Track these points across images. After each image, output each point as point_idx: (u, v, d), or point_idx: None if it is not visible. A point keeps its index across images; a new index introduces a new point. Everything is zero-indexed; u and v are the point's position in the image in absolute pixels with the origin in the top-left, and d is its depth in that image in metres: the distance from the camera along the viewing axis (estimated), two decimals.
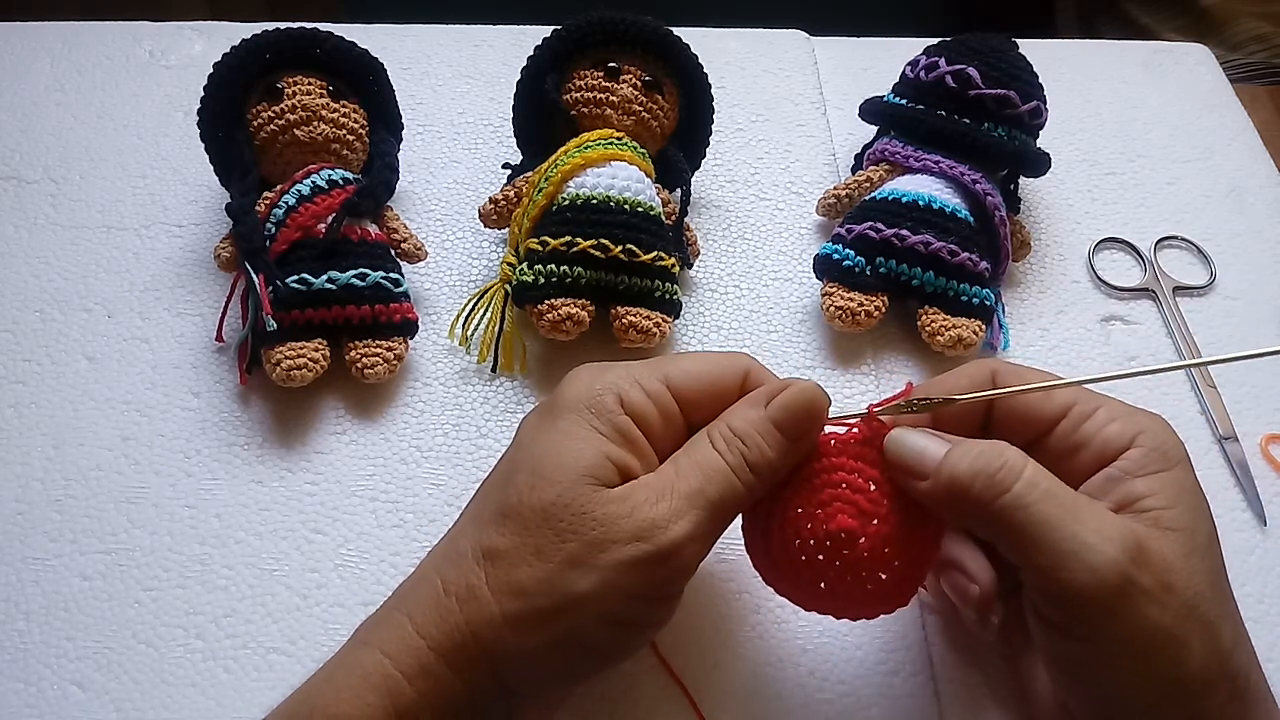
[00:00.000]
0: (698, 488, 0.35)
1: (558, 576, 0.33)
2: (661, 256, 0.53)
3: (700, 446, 0.36)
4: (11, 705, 0.43)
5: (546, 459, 0.35)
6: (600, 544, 0.33)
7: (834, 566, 0.36)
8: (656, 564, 0.34)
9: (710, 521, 0.35)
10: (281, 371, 0.49)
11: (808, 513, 0.36)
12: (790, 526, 0.36)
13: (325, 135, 0.54)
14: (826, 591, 0.37)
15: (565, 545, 0.34)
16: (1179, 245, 0.62)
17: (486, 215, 0.56)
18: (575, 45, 0.57)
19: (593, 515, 0.34)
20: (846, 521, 0.35)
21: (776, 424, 0.36)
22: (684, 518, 0.34)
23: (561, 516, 0.34)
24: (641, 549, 0.33)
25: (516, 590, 0.34)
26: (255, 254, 0.51)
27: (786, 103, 0.68)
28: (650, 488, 0.35)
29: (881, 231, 0.54)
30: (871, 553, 0.36)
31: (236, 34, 0.55)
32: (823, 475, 0.37)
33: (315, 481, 0.50)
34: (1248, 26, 0.87)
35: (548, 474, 0.35)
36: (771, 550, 0.38)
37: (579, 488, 0.34)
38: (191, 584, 0.46)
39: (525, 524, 0.34)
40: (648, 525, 0.34)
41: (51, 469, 0.50)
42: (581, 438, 0.35)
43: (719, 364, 0.38)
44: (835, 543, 0.36)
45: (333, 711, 0.33)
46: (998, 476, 0.34)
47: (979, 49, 0.58)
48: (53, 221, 0.59)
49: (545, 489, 0.34)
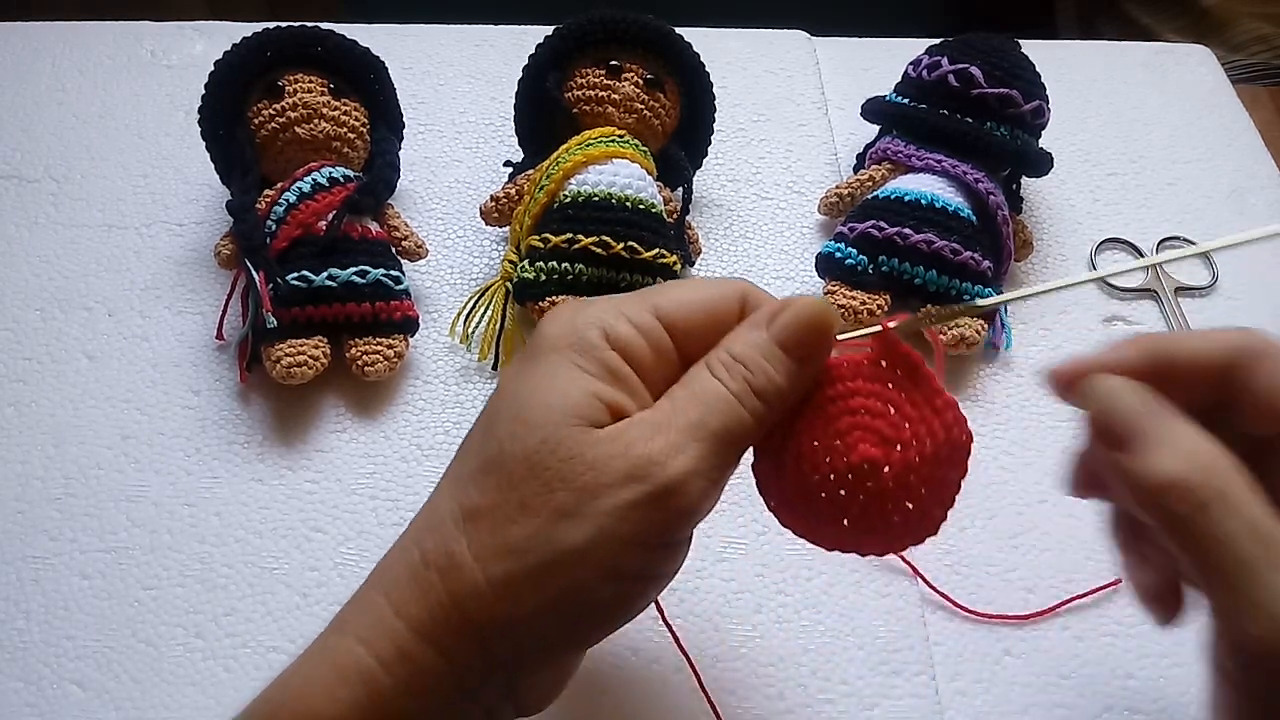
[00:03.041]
0: (698, 419, 0.31)
1: (548, 530, 0.30)
2: (663, 254, 0.53)
3: (699, 377, 0.33)
4: (11, 704, 0.43)
5: (529, 403, 0.32)
6: (592, 489, 0.30)
7: (857, 500, 0.33)
8: (657, 505, 0.30)
9: (715, 455, 0.31)
10: (282, 369, 0.49)
11: (825, 444, 0.33)
12: (806, 461, 0.33)
13: (326, 133, 0.54)
14: (850, 528, 0.34)
15: (554, 495, 0.30)
16: (1181, 246, 0.62)
17: (488, 213, 0.56)
18: (576, 44, 0.57)
19: (582, 458, 0.30)
20: (869, 451, 0.32)
21: (782, 345, 0.32)
22: (684, 452, 0.31)
23: (548, 463, 0.30)
24: (639, 490, 0.30)
25: (502, 551, 0.30)
26: (256, 251, 0.51)
27: (788, 103, 0.68)
28: (645, 424, 0.31)
29: (884, 230, 0.54)
30: (897, 481, 0.32)
31: (237, 33, 0.55)
32: (838, 402, 0.33)
33: (315, 480, 0.50)
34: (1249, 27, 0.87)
35: (530, 419, 0.31)
36: (786, 489, 0.35)
37: (565, 429, 0.31)
38: (191, 582, 0.46)
39: (508, 477, 0.31)
40: (644, 463, 0.30)
41: (52, 467, 0.50)
42: (566, 378, 0.32)
43: (713, 289, 0.34)
44: (858, 475, 0.33)
45: (301, 708, 0.31)
46: (1198, 489, 0.29)
47: (981, 48, 0.58)
48: (54, 220, 0.59)
49: (528, 435, 0.31)
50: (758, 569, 0.48)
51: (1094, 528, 0.50)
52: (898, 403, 0.33)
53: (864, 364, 0.34)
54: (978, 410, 0.54)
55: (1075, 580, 0.48)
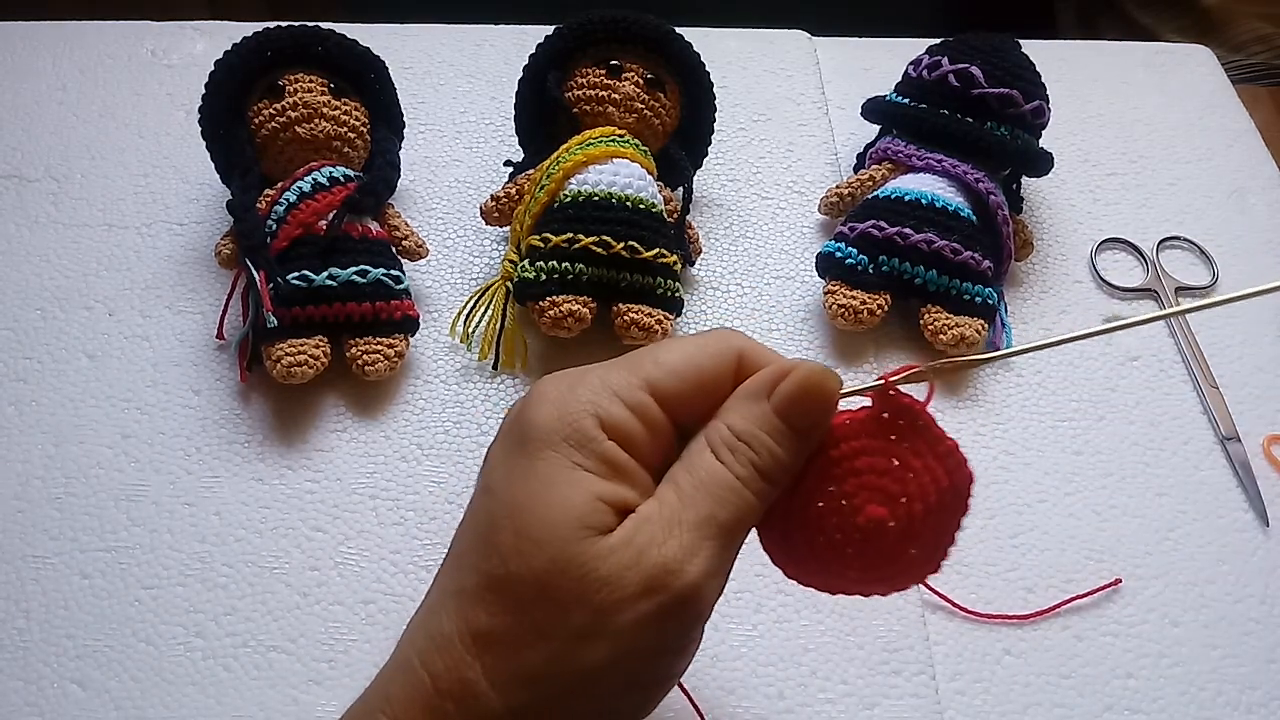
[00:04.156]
0: (708, 514, 0.30)
1: (567, 655, 0.29)
2: (663, 253, 0.53)
3: (701, 460, 0.31)
4: (12, 703, 0.43)
5: (531, 515, 0.30)
6: (609, 607, 0.28)
7: (865, 556, 0.33)
8: (676, 613, 0.29)
9: (727, 549, 0.30)
10: (282, 368, 0.49)
11: (831, 506, 0.33)
12: (813, 524, 0.33)
13: (326, 133, 0.54)
14: (856, 579, 0.34)
15: (570, 617, 0.29)
16: (1181, 246, 0.62)
17: (488, 212, 0.56)
18: (577, 43, 0.57)
19: (596, 574, 0.29)
20: (877, 511, 0.32)
21: (784, 418, 0.31)
22: (698, 553, 0.29)
23: (559, 584, 0.29)
24: (658, 601, 0.29)
25: (522, 680, 0.29)
26: (256, 251, 0.51)
27: (788, 102, 0.68)
28: (654, 524, 0.30)
29: (884, 230, 0.54)
30: (904, 534, 0.33)
31: (237, 33, 0.55)
32: (842, 464, 0.33)
33: (315, 479, 0.50)
34: (1249, 27, 0.87)
35: (535, 534, 0.29)
36: (794, 550, 0.35)
37: (574, 545, 0.29)
38: (191, 582, 0.46)
39: (519, 599, 0.29)
40: (659, 572, 0.29)
41: (52, 467, 0.50)
42: (566, 481, 0.30)
43: (707, 353, 0.32)
44: (865, 534, 0.33)
45: None
46: None
47: (981, 48, 0.58)
48: (54, 220, 0.59)
49: (535, 554, 0.29)
50: (758, 569, 0.47)
51: (1094, 528, 0.50)
52: (901, 455, 0.33)
53: (865, 420, 0.33)
54: (978, 410, 0.54)
55: (1075, 580, 0.48)
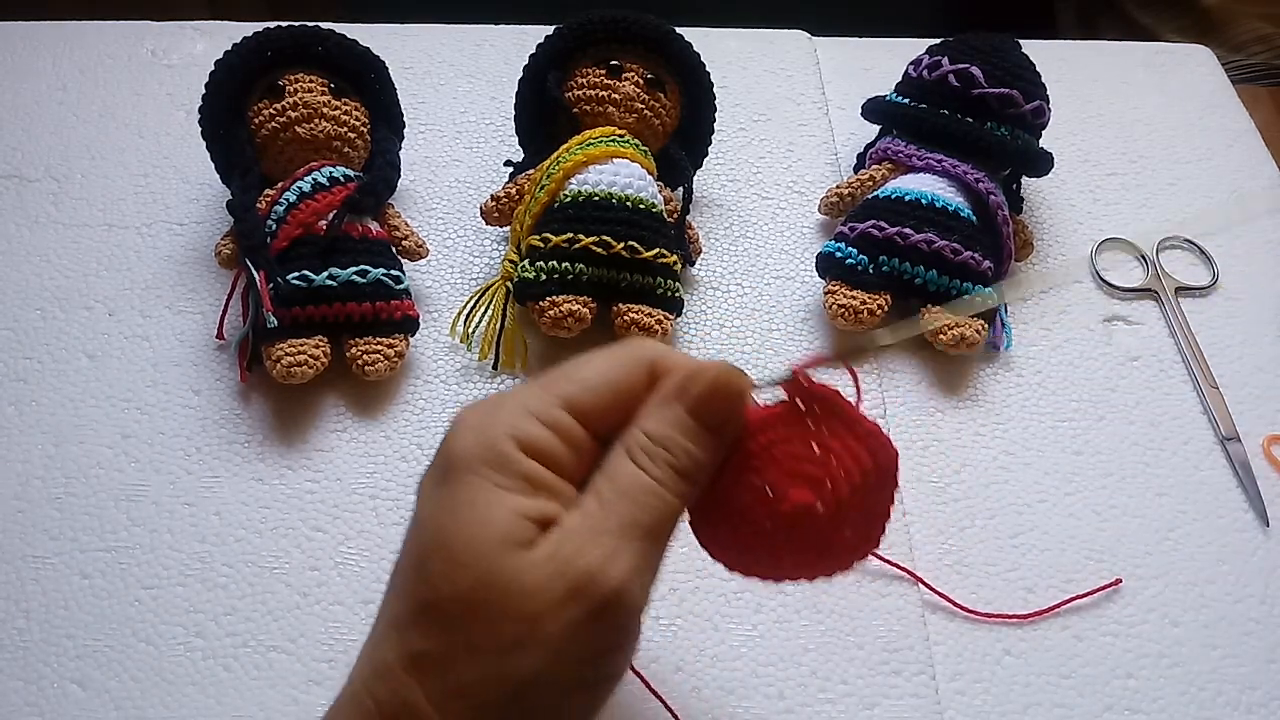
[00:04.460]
0: (629, 518, 0.31)
1: (501, 667, 0.29)
2: (664, 253, 0.53)
3: (620, 467, 0.32)
4: (12, 703, 0.43)
5: (455, 538, 0.30)
6: (537, 616, 0.29)
7: (798, 542, 0.34)
8: (605, 615, 0.30)
9: (651, 549, 0.31)
10: (282, 368, 0.49)
11: (757, 497, 0.33)
12: (740, 517, 0.34)
13: (326, 133, 0.54)
14: (794, 565, 0.35)
15: (500, 631, 0.29)
16: (1181, 246, 0.62)
17: (488, 212, 0.56)
18: (577, 43, 0.57)
19: (520, 587, 0.29)
20: (802, 496, 0.33)
21: (697, 418, 0.32)
22: (620, 557, 0.30)
23: (487, 599, 0.30)
24: (584, 606, 0.29)
25: (459, 695, 0.30)
26: (256, 251, 0.51)
27: (789, 103, 0.68)
28: (576, 534, 0.30)
29: (884, 230, 0.54)
30: (833, 516, 0.33)
31: (238, 33, 0.55)
32: (762, 455, 0.33)
33: (316, 479, 0.50)
34: (1249, 27, 0.87)
35: (460, 555, 0.30)
36: (727, 544, 0.35)
37: (499, 561, 0.30)
38: (191, 582, 0.46)
39: (450, 619, 0.30)
40: (584, 578, 0.29)
41: (52, 467, 0.50)
42: (487, 502, 0.30)
43: (619, 364, 0.33)
44: (794, 521, 0.33)
45: None
46: None
47: (982, 48, 0.58)
48: (54, 220, 0.59)
49: (462, 574, 0.30)
50: None
51: (1094, 528, 0.50)
52: (820, 440, 0.33)
53: (780, 411, 0.34)
54: (978, 410, 0.54)
55: (1075, 580, 0.48)
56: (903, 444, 0.52)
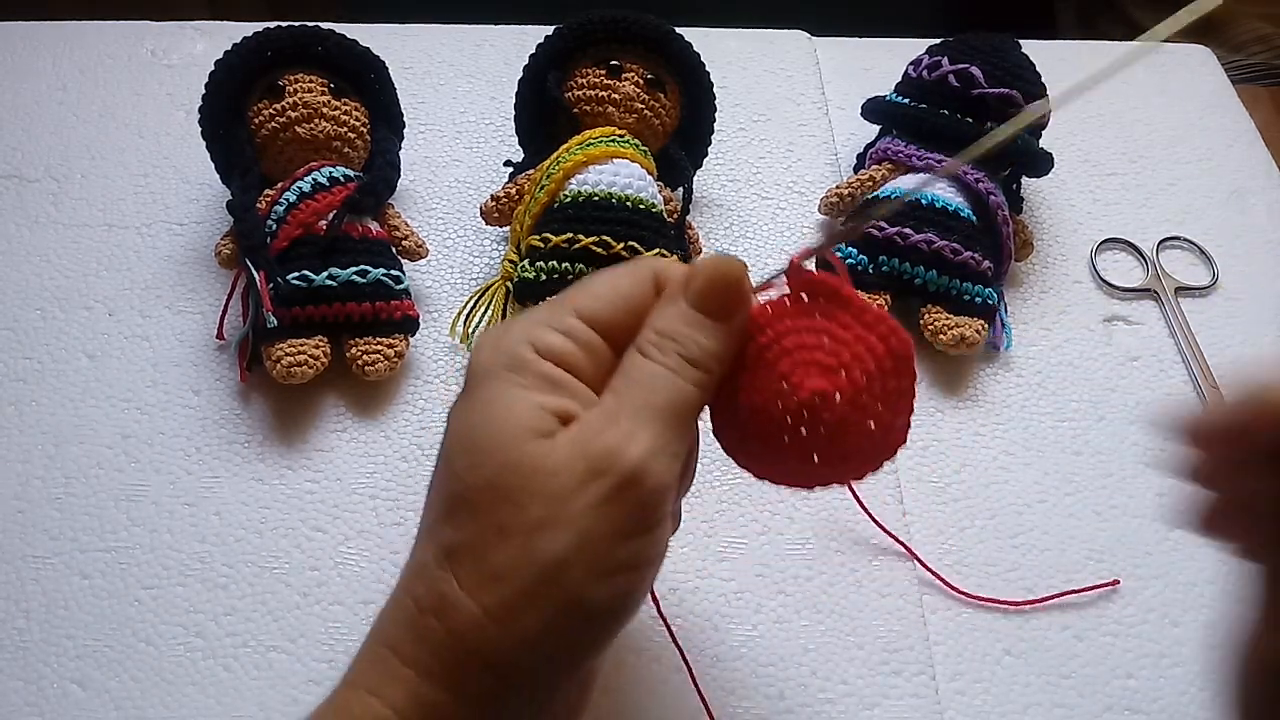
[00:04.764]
0: (642, 402, 0.32)
1: (529, 547, 0.30)
2: (664, 254, 0.53)
3: (633, 362, 0.33)
4: (12, 703, 0.43)
5: (479, 432, 0.32)
6: (561, 495, 0.30)
7: (819, 434, 0.33)
8: (626, 493, 0.31)
9: (669, 430, 0.32)
10: (282, 368, 0.49)
11: (772, 389, 0.33)
12: (761, 412, 0.34)
13: (326, 133, 0.54)
14: (823, 463, 0.34)
15: (526, 511, 0.30)
16: (1181, 246, 0.62)
17: (488, 212, 0.56)
18: (577, 43, 0.57)
19: (544, 468, 0.31)
20: (816, 383, 0.33)
21: (702, 309, 0.33)
22: (638, 436, 0.31)
23: (511, 483, 0.31)
24: (606, 483, 0.30)
25: (491, 578, 0.31)
26: (256, 251, 0.51)
27: (788, 103, 0.68)
28: (595, 420, 0.32)
29: (884, 230, 0.54)
30: (852, 404, 0.33)
31: (238, 33, 0.55)
32: (773, 347, 0.34)
33: (316, 479, 0.50)
34: (1249, 27, 0.87)
35: (485, 446, 0.31)
36: (750, 443, 0.35)
37: (520, 447, 0.31)
38: (191, 582, 0.46)
39: (477, 507, 0.31)
40: (603, 456, 0.31)
41: (52, 467, 0.50)
42: (508, 398, 0.32)
43: (625, 275, 0.35)
44: (812, 409, 0.33)
45: None
46: None
47: (981, 48, 0.58)
48: (54, 220, 0.59)
49: (487, 462, 0.31)
50: (758, 569, 0.48)
51: (1094, 528, 0.50)
52: (829, 330, 0.34)
53: (786, 303, 0.34)
54: (978, 410, 0.54)
55: (1075, 579, 0.48)
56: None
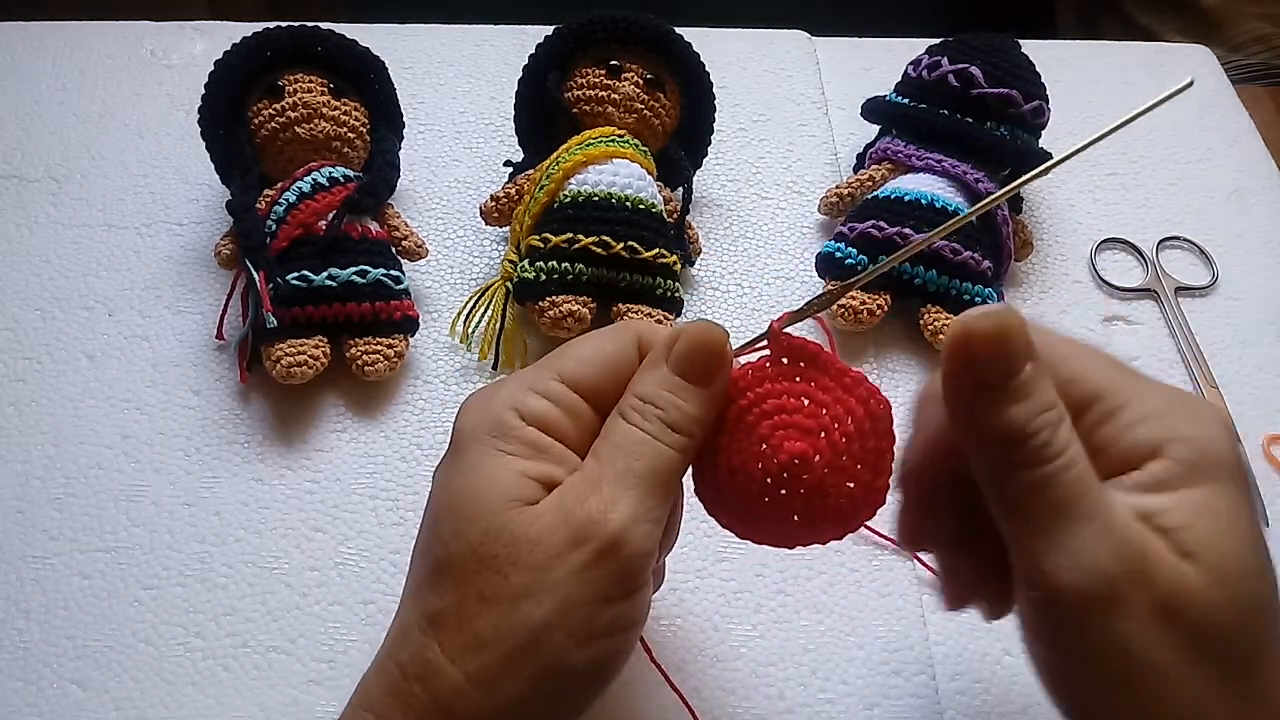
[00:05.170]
0: (624, 468, 0.32)
1: (511, 614, 0.31)
2: (663, 254, 0.53)
3: (616, 427, 0.33)
4: (11, 704, 0.43)
5: (463, 499, 0.32)
6: (543, 563, 0.31)
7: (800, 496, 0.34)
8: (607, 560, 0.31)
9: (650, 497, 0.32)
10: (281, 368, 0.49)
11: (753, 453, 0.34)
12: (740, 474, 0.34)
13: (326, 133, 0.54)
14: (802, 523, 0.35)
15: (508, 579, 0.31)
16: (1181, 246, 0.62)
17: (488, 212, 0.56)
18: (577, 43, 0.57)
19: (526, 536, 0.31)
20: (795, 446, 0.33)
21: (683, 374, 0.33)
22: (619, 503, 0.31)
23: (494, 550, 0.31)
24: (587, 551, 0.31)
25: (474, 645, 0.31)
26: (256, 251, 0.51)
27: (788, 103, 0.68)
28: (577, 487, 0.32)
29: (884, 230, 0.54)
30: (831, 466, 0.34)
31: (238, 33, 0.55)
32: (753, 410, 0.34)
33: (315, 479, 0.50)
34: (1249, 27, 0.87)
35: (468, 514, 0.32)
36: (731, 504, 0.36)
37: (503, 515, 0.31)
38: (191, 582, 0.46)
39: (460, 574, 0.31)
40: (585, 523, 0.31)
41: (51, 467, 0.50)
42: (491, 464, 0.32)
43: (607, 339, 0.35)
44: (792, 472, 0.34)
45: None
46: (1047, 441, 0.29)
47: (981, 48, 0.58)
48: (54, 220, 0.59)
49: (469, 529, 0.31)
50: (758, 569, 0.48)
51: None
52: (809, 393, 0.34)
53: (766, 367, 0.35)
54: None
55: None
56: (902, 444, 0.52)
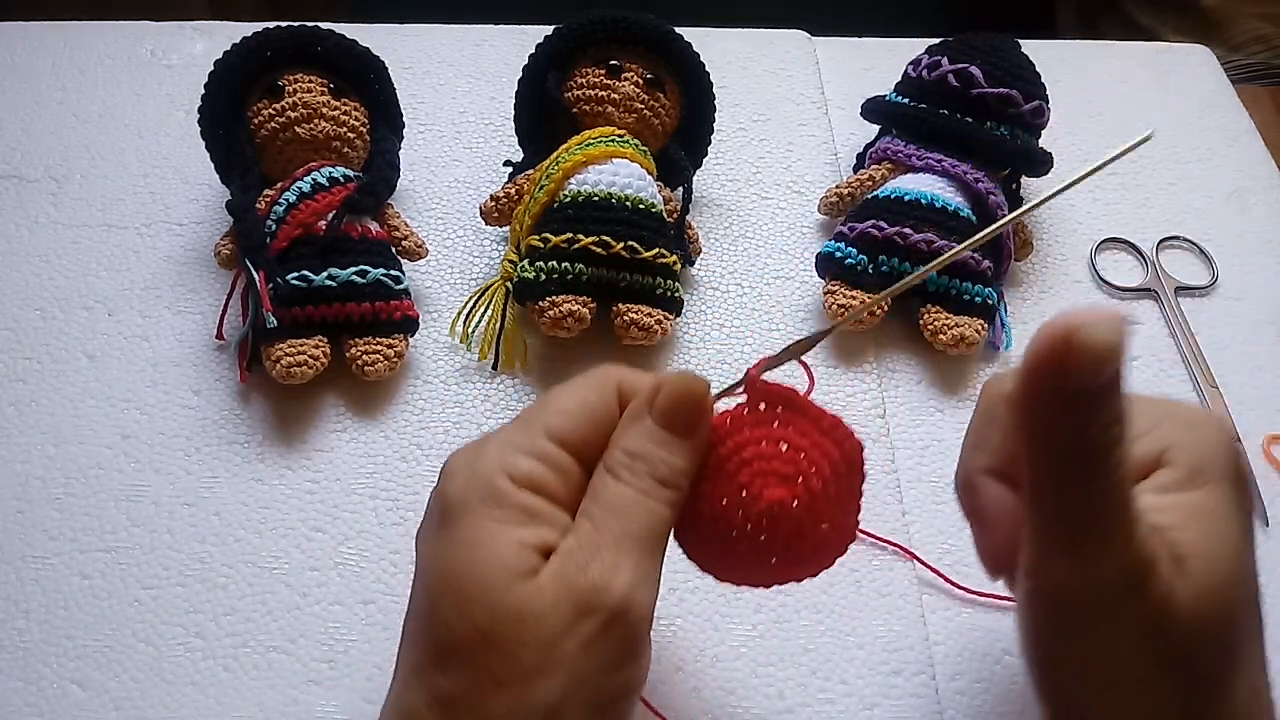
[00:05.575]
0: (620, 531, 0.32)
1: (525, 695, 0.30)
2: (663, 253, 0.53)
3: (605, 485, 0.33)
4: (11, 704, 0.43)
5: (464, 577, 0.31)
6: (552, 640, 0.30)
7: (778, 540, 0.34)
8: (615, 628, 0.31)
9: (648, 559, 0.33)
10: (281, 369, 0.49)
11: (733, 501, 0.34)
12: (720, 522, 0.35)
13: (326, 133, 0.54)
14: (781, 564, 0.35)
15: (519, 660, 0.30)
16: (1181, 245, 0.62)
17: (488, 212, 0.56)
18: (577, 43, 0.57)
19: (532, 613, 0.31)
20: (775, 493, 0.34)
21: (667, 428, 0.34)
22: (620, 569, 0.31)
23: (502, 631, 0.31)
24: (594, 621, 0.31)
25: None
26: (256, 251, 0.51)
27: (788, 102, 0.68)
28: (576, 554, 0.32)
29: (884, 230, 0.54)
30: (809, 510, 0.34)
31: (237, 33, 0.55)
32: (733, 459, 0.35)
33: (315, 479, 0.50)
34: (1249, 27, 0.87)
35: (471, 594, 0.31)
36: (709, 550, 0.36)
37: (509, 593, 0.31)
38: (191, 582, 0.46)
39: (469, 657, 0.31)
40: (589, 594, 0.31)
41: (51, 467, 0.50)
42: (489, 537, 0.32)
43: (589, 388, 0.35)
44: (771, 518, 0.34)
45: None
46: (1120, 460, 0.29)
47: (981, 48, 0.58)
48: (54, 220, 0.59)
49: (474, 611, 0.31)
50: None
51: None
52: (786, 437, 0.35)
53: (744, 413, 0.35)
54: None
55: None
56: (903, 444, 0.52)
